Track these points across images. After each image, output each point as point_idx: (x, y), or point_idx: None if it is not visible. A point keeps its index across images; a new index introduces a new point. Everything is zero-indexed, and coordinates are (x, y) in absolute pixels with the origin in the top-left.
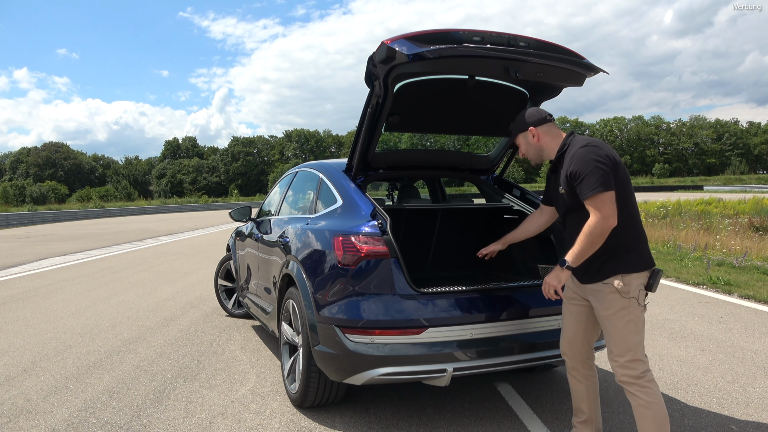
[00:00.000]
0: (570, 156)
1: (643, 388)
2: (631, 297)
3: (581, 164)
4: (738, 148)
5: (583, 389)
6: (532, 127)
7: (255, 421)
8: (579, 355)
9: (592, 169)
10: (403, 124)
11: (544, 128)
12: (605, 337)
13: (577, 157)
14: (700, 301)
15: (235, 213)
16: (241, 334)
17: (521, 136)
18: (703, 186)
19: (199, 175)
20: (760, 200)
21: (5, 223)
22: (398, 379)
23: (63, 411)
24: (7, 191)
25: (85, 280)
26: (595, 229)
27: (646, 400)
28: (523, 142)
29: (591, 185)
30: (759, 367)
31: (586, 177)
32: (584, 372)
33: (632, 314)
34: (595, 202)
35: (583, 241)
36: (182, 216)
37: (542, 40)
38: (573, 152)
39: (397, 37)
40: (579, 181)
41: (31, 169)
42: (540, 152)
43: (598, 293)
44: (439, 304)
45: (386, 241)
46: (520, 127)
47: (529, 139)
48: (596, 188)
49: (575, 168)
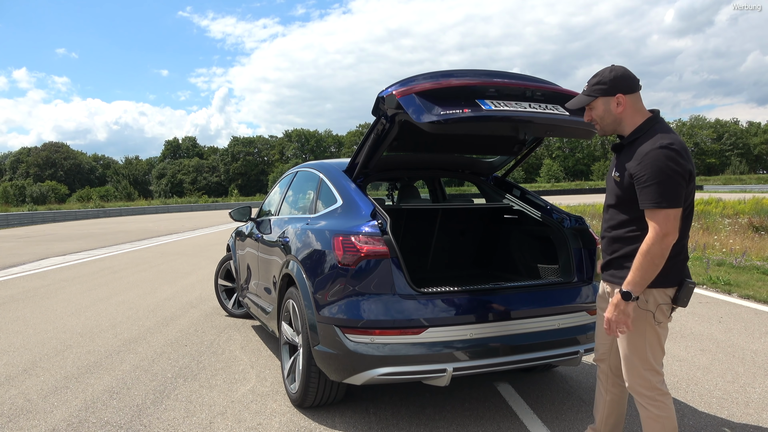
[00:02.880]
0: (644, 152)
1: (655, 401)
2: (647, 309)
3: (653, 169)
4: (738, 148)
5: (602, 401)
6: (621, 94)
7: (255, 421)
8: (606, 367)
9: (665, 179)
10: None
11: (632, 98)
12: (620, 346)
13: (651, 158)
14: (700, 301)
15: (235, 213)
16: (241, 334)
17: (602, 100)
18: (703, 186)
19: (199, 175)
20: (759, 200)
21: (5, 223)
22: (398, 379)
23: (63, 411)
24: (7, 191)
25: (85, 280)
26: (654, 247)
27: (655, 414)
28: (603, 107)
29: (657, 197)
30: (759, 367)
31: (654, 185)
32: (608, 385)
33: (649, 325)
34: (658, 216)
35: (643, 262)
36: (182, 216)
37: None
38: (649, 149)
39: (407, 91)
40: (644, 186)
41: (31, 169)
42: (617, 124)
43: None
44: (439, 304)
45: (386, 241)
46: (607, 89)
47: (612, 106)
48: (662, 203)
49: (645, 171)
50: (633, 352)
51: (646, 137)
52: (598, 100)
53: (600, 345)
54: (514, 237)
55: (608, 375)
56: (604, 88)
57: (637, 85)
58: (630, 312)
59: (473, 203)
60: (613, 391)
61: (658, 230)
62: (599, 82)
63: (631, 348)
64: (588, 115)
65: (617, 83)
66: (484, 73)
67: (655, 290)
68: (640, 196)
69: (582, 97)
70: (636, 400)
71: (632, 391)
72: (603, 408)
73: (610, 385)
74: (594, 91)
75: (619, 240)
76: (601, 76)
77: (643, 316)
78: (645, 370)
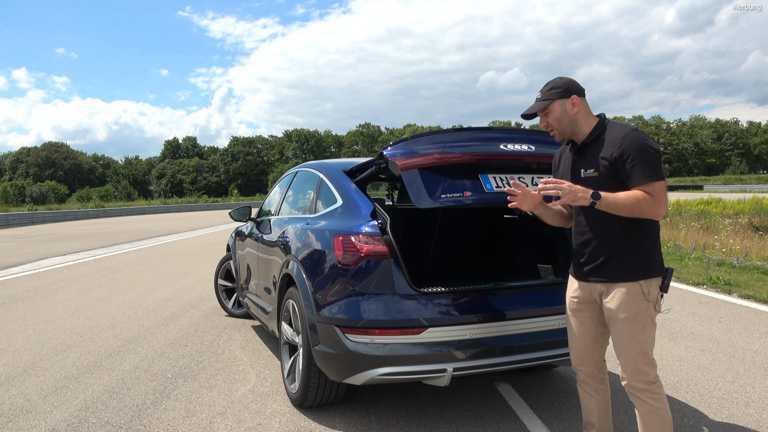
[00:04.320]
0: (617, 137)
1: (654, 394)
2: (650, 300)
3: (637, 148)
4: (738, 148)
5: (594, 403)
6: (576, 96)
7: (255, 421)
8: (590, 369)
9: (650, 155)
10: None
11: (583, 101)
12: (618, 341)
13: (630, 139)
14: (700, 301)
15: (235, 213)
16: (241, 334)
17: (558, 102)
18: (703, 186)
19: (199, 175)
20: (759, 200)
21: (5, 223)
22: (398, 379)
23: (63, 411)
24: (6, 191)
25: (85, 280)
26: (645, 205)
27: (655, 407)
28: (559, 109)
29: (649, 171)
30: (759, 367)
31: (642, 162)
32: (595, 386)
33: (650, 317)
34: (654, 188)
35: (630, 200)
36: (182, 216)
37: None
38: (622, 134)
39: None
40: (633, 165)
41: (31, 169)
42: (574, 126)
43: (619, 294)
44: (439, 304)
45: (386, 241)
46: (563, 92)
47: (568, 107)
48: (654, 176)
49: (630, 151)
50: (635, 348)
51: (608, 131)
52: (555, 103)
53: (579, 349)
54: (514, 237)
55: (594, 376)
56: (559, 91)
57: (584, 91)
58: (579, 198)
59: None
60: (601, 389)
61: (657, 199)
62: (553, 87)
63: (634, 343)
64: (544, 121)
65: (570, 86)
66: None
67: (654, 280)
68: (632, 174)
69: (538, 103)
70: (634, 396)
71: (631, 387)
72: (598, 410)
73: (597, 384)
74: (550, 95)
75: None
76: (554, 83)
77: (645, 309)
78: (644, 364)
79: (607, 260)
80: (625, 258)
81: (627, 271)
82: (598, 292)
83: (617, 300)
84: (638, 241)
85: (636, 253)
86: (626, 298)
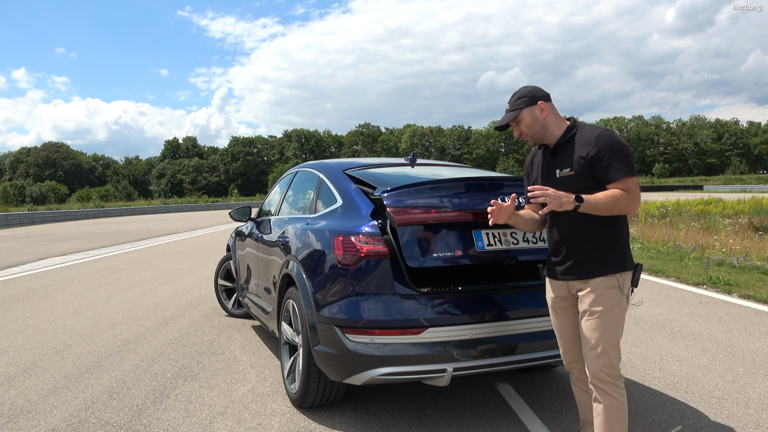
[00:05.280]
0: (591, 137)
1: (619, 388)
2: (624, 293)
3: (612, 146)
4: (738, 148)
5: (589, 399)
6: (542, 101)
7: (255, 421)
8: (582, 366)
9: (624, 153)
10: None
11: (550, 105)
12: (593, 335)
13: (605, 138)
14: (700, 301)
15: (235, 213)
16: (241, 334)
17: (527, 110)
18: (703, 186)
19: (199, 175)
20: (759, 200)
21: (5, 223)
22: (398, 379)
23: (63, 411)
24: (6, 191)
25: (85, 280)
26: (623, 202)
27: (619, 401)
28: (529, 116)
29: (625, 167)
30: (759, 367)
31: (617, 159)
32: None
33: (623, 311)
34: (630, 183)
35: (609, 199)
36: (182, 216)
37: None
38: (596, 134)
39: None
40: (609, 162)
41: (31, 169)
42: (546, 130)
43: (596, 288)
44: (439, 304)
45: (386, 241)
46: (529, 100)
47: (537, 113)
48: (630, 173)
49: (605, 149)
50: (608, 340)
51: (580, 131)
52: (524, 111)
53: (568, 348)
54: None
55: (583, 378)
56: (526, 99)
57: (550, 96)
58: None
59: None
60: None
61: (632, 194)
62: (520, 97)
63: (607, 336)
64: (517, 130)
65: (536, 94)
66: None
67: (627, 274)
68: (609, 171)
69: (508, 114)
70: (600, 390)
71: (598, 380)
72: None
73: (587, 385)
74: (518, 105)
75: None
76: (520, 93)
77: (620, 302)
78: (615, 357)
79: (585, 257)
80: (602, 253)
81: (604, 266)
82: (576, 289)
83: (594, 294)
84: (613, 237)
85: (611, 248)
86: (603, 291)
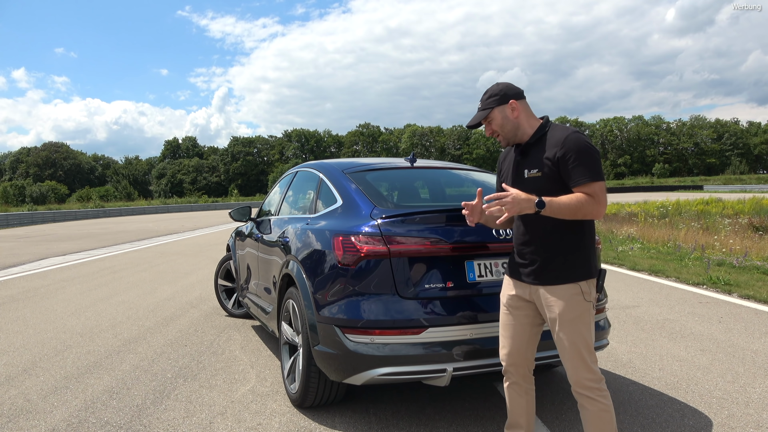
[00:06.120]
0: (559, 138)
1: (603, 391)
2: (589, 300)
3: (579, 149)
4: (738, 148)
5: (524, 403)
6: (514, 100)
7: (255, 421)
8: (522, 369)
9: (592, 157)
10: None
11: (523, 103)
12: (567, 344)
13: (572, 140)
14: (700, 301)
15: (235, 213)
16: (241, 334)
17: (498, 109)
18: (703, 186)
19: (199, 175)
20: (759, 200)
21: (5, 223)
22: (398, 379)
23: (63, 411)
24: (6, 191)
25: (85, 280)
26: (588, 207)
27: (605, 404)
28: (500, 116)
29: (591, 171)
30: (759, 367)
31: (584, 162)
32: (526, 386)
33: (591, 317)
34: (595, 188)
35: (573, 203)
36: (182, 216)
37: None
38: (564, 135)
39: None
40: (574, 165)
41: (31, 169)
42: (517, 129)
43: (559, 296)
44: (439, 304)
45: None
46: (501, 99)
47: (508, 113)
48: (595, 177)
49: (572, 152)
50: (583, 347)
51: (551, 132)
52: (495, 110)
53: (513, 349)
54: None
55: (526, 376)
56: (497, 98)
57: (523, 94)
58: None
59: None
60: (530, 389)
61: (597, 199)
62: (491, 95)
63: (582, 343)
64: (489, 129)
65: (507, 92)
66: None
67: (591, 281)
68: (574, 174)
69: (479, 113)
70: (585, 398)
71: (582, 388)
72: (527, 410)
73: (528, 384)
74: (489, 104)
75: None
76: (491, 91)
77: (588, 308)
78: (592, 362)
79: (549, 263)
80: (566, 260)
81: (567, 274)
82: (538, 294)
83: (562, 302)
84: (577, 243)
85: (575, 254)
86: (570, 300)
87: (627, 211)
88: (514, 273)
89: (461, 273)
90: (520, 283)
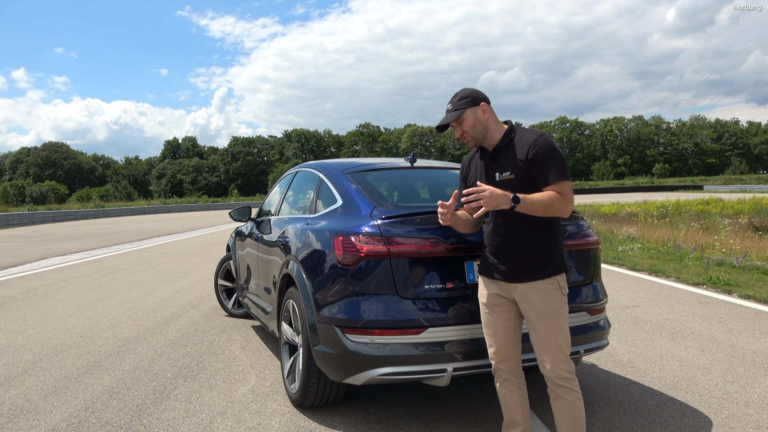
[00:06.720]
0: (529, 141)
1: (576, 382)
2: (565, 294)
3: (549, 150)
4: (738, 148)
5: (517, 399)
6: (484, 102)
7: (255, 421)
8: (512, 364)
9: (560, 157)
10: None
11: (491, 108)
12: (546, 337)
13: (542, 142)
14: (700, 301)
15: (235, 213)
16: (241, 334)
17: (470, 111)
18: (703, 186)
19: (199, 175)
20: (759, 200)
21: (5, 223)
22: (398, 379)
23: (63, 411)
24: (6, 191)
25: (85, 280)
26: (558, 204)
27: (579, 393)
28: (472, 117)
29: (560, 172)
30: (759, 367)
31: (555, 163)
32: (517, 381)
33: (566, 311)
34: (564, 187)
35: (545, 199)
36: (182, 216)
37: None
38: (534, 137)
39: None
40: (545, 166)
41: (31, 169)
42: (486, 131)
43: (539, 292)
44: (439, 304)
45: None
46: (472, 101)
47: (479, 114)
48: (565, 176)
49: (543, 153)
50: (561, 338)
51: (518, 135)
52: (467, 111)
53: (501, 347)
54: None
55: (516, 372)
56: (469, 100)
57: (489, 99)
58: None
59: None
60: (522, 384)
61: (567, 197)
62: (463, 97)
63: (561, 336)
64: (459, 130)
65: (478, 95)
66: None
67: (562, 276)
68: (546, 173)
69: (451, 114)
70: (562, 388)
71: (558, 378)
72: (521, 407)
73: (518, 380)
74: (461, 105)
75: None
76: (463, 93)
77: (564, 302)
78: (569, 353)
79: (527, 260)
80: (541, 256)
81: (544, 269)
82: (517, 291)
83: (541, 297)
84: (549, 240)
85: (549, 251)
86: (548, 294)
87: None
88: (488, 272)
89: (461, 273)
90: (498, 282)
